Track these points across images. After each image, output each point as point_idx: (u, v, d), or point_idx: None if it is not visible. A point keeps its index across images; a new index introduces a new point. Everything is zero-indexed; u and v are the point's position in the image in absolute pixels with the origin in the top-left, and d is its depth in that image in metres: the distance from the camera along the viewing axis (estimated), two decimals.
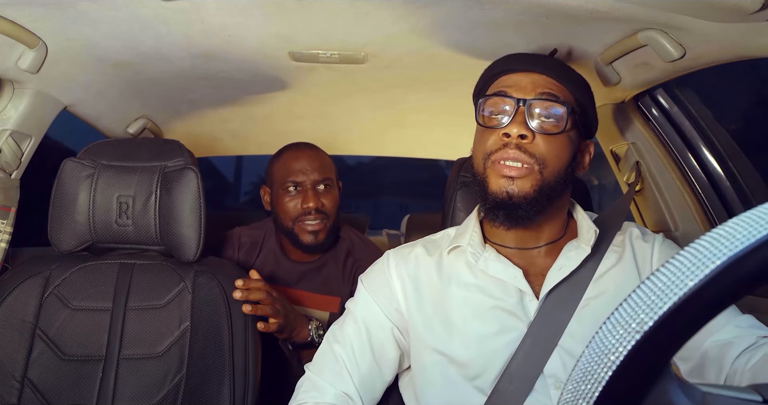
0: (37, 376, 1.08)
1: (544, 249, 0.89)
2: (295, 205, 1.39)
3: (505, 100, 0.85)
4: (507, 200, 0.81)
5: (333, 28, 1.05)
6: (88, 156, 1.19)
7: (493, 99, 0.86)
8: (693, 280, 0.28)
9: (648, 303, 0.28)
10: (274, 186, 1.44)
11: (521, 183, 0.81)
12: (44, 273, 1.15)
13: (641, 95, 1.28)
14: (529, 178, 0.81)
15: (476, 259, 0.88)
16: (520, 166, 0.81)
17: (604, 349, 0.29)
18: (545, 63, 0.88)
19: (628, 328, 0.29)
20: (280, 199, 1.42)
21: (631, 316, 0.29)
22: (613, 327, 0.29)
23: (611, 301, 0.83)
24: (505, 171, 0.82)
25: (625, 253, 0.88)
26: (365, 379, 0.90)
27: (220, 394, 1.08)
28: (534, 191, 0.81)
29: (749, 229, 0.27)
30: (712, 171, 1.29)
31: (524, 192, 0.81)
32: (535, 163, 0.81)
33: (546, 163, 0.82)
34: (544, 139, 0.82)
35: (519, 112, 0.83)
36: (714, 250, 0.28)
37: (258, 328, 1.12)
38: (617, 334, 0.29)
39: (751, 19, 0.78)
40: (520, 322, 0.84)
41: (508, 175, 0.81)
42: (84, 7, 0.95)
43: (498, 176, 0.82)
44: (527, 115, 0.82)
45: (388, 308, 0.92)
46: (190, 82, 1.41)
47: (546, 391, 0.80)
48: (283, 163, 1.44)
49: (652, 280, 0.29)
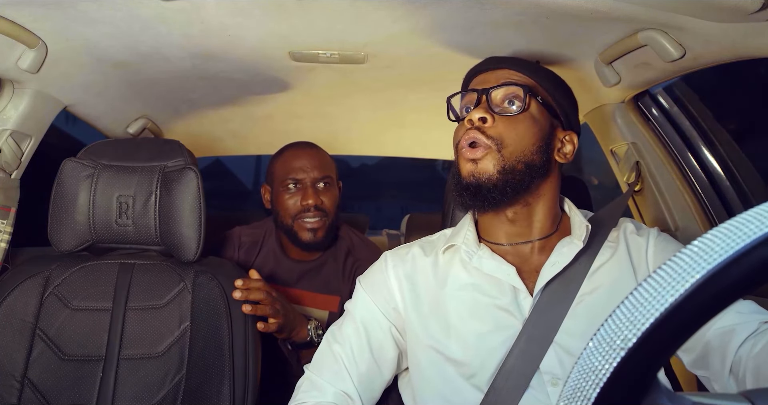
0: (37, 376, 1.08)
1: (537, 246, 0.90)
2: (295, 202, 1.40)
3: (469, 94, 0.91)
4: (474, 182, 0.85)
5: (333, 28, 1.05)
6: (88, 156, 1.20)
7: (461, 95, 0.93)
8: (674, 295, 0.28)
9: (631, 319, 0.29)
10: (275, 184, 1.45)
11: (483, 164, 0.84)
12: (44, 273, 1.15)
13: (641, 95, 1.28)
14: (489, 158, 0.84)
15: (470, 257, 0.89)
16: (477, 148, 0.85)
17: (591, 366, 0.30)
18: (513, 60, 0.94)
19: (612, 345, 0.29)
20: (280, 196, 1.42)
21: (616, 332, 0.29)
22: (599, 344, 0.30)
23: (605, 297, 0.84)
24: (467, 154, 0.86)
25: (619, 248, 0.89)
26: (364, 378, 0.91)
27: (220, 394, 1.08)
28: (497, 171, 0.84)
29: (727, 241, 0.28)
30: (712, 171, 1.29)
31: (488, 173, 0.84)
32: (492, 143, 0.84)
33: (504, 143, 0.85)
34: (504, 121, 0.86)
35: (481, 101, 0.88)
36: (693, 264, 0.28)
37: (257, 328, 1.13)
38: (603, 351, 0.29)
39: (751, 19, 0.78)
40: (515, 320, 0.84)
41: (470, 158, 0.85)
42: (84, 7, 0.95)
43: (464, 161, 0.87)
44: (489, 103, 0.88)
45: (386, 308, 0.93)
46: (190, 82, 1.41)
47: (543, 387, 0.80)
48: (283, 161, 1.45)
49: (635, 295, 0.30)
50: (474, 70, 0.97)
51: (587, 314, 0.83)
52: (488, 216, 0.92)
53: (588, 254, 0.86)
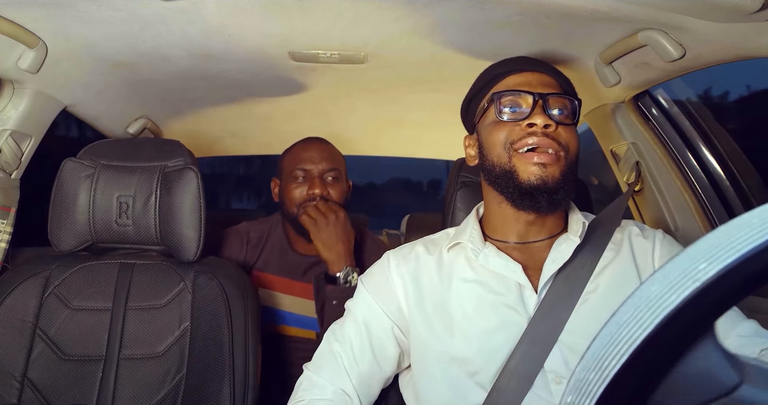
0: (37, 376, 1.08)
1: (544, 243, 0.91)
2: (301, 191, 1.41)
3: (522, 95, 0.89)
4: (542, 186, 0.85)
5: (333, 28, 1.05)
6: (88, 156, 1.19)
7: (510, 94, 0.90)
8: (650, 327, 0.28)
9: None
10: (283, 176, 1.47)
11: (552, 169, 0.85)
12: (44, 273, 1.15)
13: (641, 95, 1.28)
14: (558, 165, 0.85)
15: (476, 255, 0.90)
16: (551, 153, 0.85)
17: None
18: (545, 65, 0.95)
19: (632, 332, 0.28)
20: (287, 186, 1.43)
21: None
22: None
23: (608, 297, 0.85)
24: (536, 159, 0.85)
25: (622, 249, 0.90)
26: (364, 377, 0.91)
27: (220, 394, 1.08)
28: (562, 176, 0.85)
29: (681, 276, 0.27)
30: (712, 171, 1.29)
31: (556, 178, 0.85)
32: (561, 150, 0.86)
33: (569, 150, 0.87)
34: (563, 129, 0.88)
35: (538, 105, 0.87)
36: (669, 295, 0.28)
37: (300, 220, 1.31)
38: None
39: (751, 19, 0.78)
40: (520, 317, 0.84)
41: (540, 162, 0.85)
42: (84, 7, 0.95)
43: (529, 164, 0.85)
44: (547, 108, 0.87)
45: (389, 307, 0.92)
46: (190, 82, 1.41)
47: (547, 386, 0.80)
48: (293, 154, 1.47)
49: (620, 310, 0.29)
50: (504, 69, 0.94)
51: (591, 314, 0.83)
52: (506, 216, 0.92)
53: (592, 253, 0.87)
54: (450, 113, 1.74)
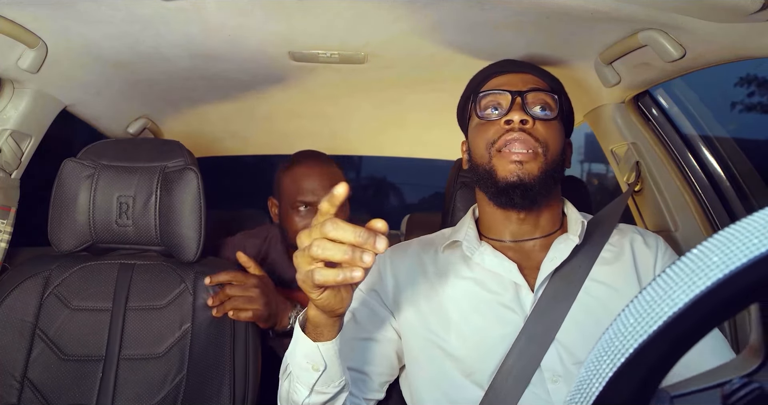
0: (36, 376, 1.08)
1: (539, 243, 0.92)
2: (305, 225, 1.37)
3: (501, 93, 0.90)
4: (518, 183, 0.85)
5: (333, 28, 1.05)
6: (89, 156, 1.19)
7: (490, 94, 0.91)
8: (637, 342, 0.28)
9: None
10: (283, 201, 1.42)
11: (529, 166, 0.85)
12: (44, 273, 1.15)
13: (641, 95, 1.28)
14: (536, 162, 0.86)
15: (472, 253, 0.90)
16: (526, 152, 0.85)
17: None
18: (532, 66, 0.97)
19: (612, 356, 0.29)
20: (289, 217, 1.39)
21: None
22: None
23: (605, 299, 0.85)
24: (513, 157, 0.85)
25: (623, 254, 0.90)
26: (355, 374, 0.90)
27: (220, 394, 1.08)
28: (540, 173, 0.86)
29: (686, 283, 0.27)
30: (712, 171, 1.29)
31: (533, 175, 0.85)
32: (539, 146, 0.86)
33: (548, 147, 0.87)
34: (542, 125, 0.88)
35: (516, 102, 0.88)
36: (657, 310, 0.28)
37: (229, 316, 1.12)
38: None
39: (751, 19, 0.78)
40: (516, 316, 0.85)
41: (516, 160, 0.85)
42: (84, 7, 0.95)
43: (507, 162, 0.86)
44: (525, 105, 0.88)
45: (384, 303, 0.93)
46: (190, 82, 1.41)
47: (543, 385, 0.81)
48: (293, 179, 1.40)
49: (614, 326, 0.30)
50: (489, 72, 0.96)
51: (588, 314, 0.83)
52: (496, 215, 0.92)
53: (589, 253, 0.87)
54: (450, 113, 1.74)
